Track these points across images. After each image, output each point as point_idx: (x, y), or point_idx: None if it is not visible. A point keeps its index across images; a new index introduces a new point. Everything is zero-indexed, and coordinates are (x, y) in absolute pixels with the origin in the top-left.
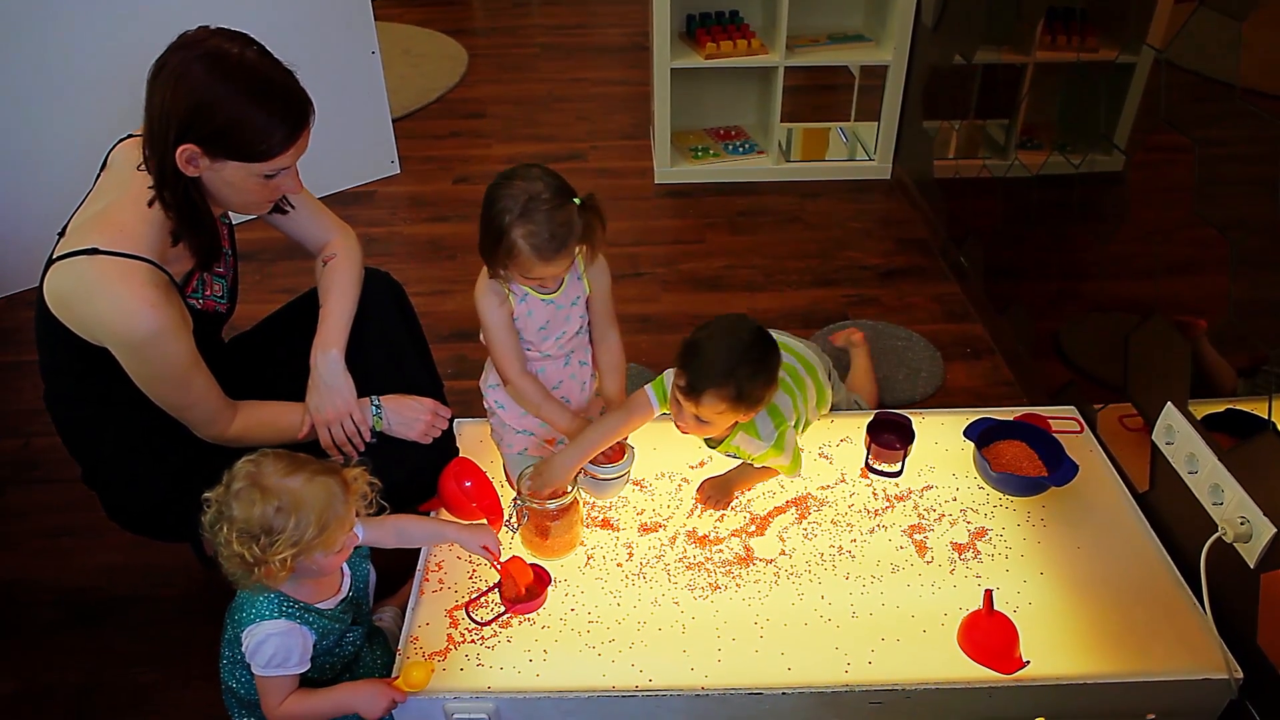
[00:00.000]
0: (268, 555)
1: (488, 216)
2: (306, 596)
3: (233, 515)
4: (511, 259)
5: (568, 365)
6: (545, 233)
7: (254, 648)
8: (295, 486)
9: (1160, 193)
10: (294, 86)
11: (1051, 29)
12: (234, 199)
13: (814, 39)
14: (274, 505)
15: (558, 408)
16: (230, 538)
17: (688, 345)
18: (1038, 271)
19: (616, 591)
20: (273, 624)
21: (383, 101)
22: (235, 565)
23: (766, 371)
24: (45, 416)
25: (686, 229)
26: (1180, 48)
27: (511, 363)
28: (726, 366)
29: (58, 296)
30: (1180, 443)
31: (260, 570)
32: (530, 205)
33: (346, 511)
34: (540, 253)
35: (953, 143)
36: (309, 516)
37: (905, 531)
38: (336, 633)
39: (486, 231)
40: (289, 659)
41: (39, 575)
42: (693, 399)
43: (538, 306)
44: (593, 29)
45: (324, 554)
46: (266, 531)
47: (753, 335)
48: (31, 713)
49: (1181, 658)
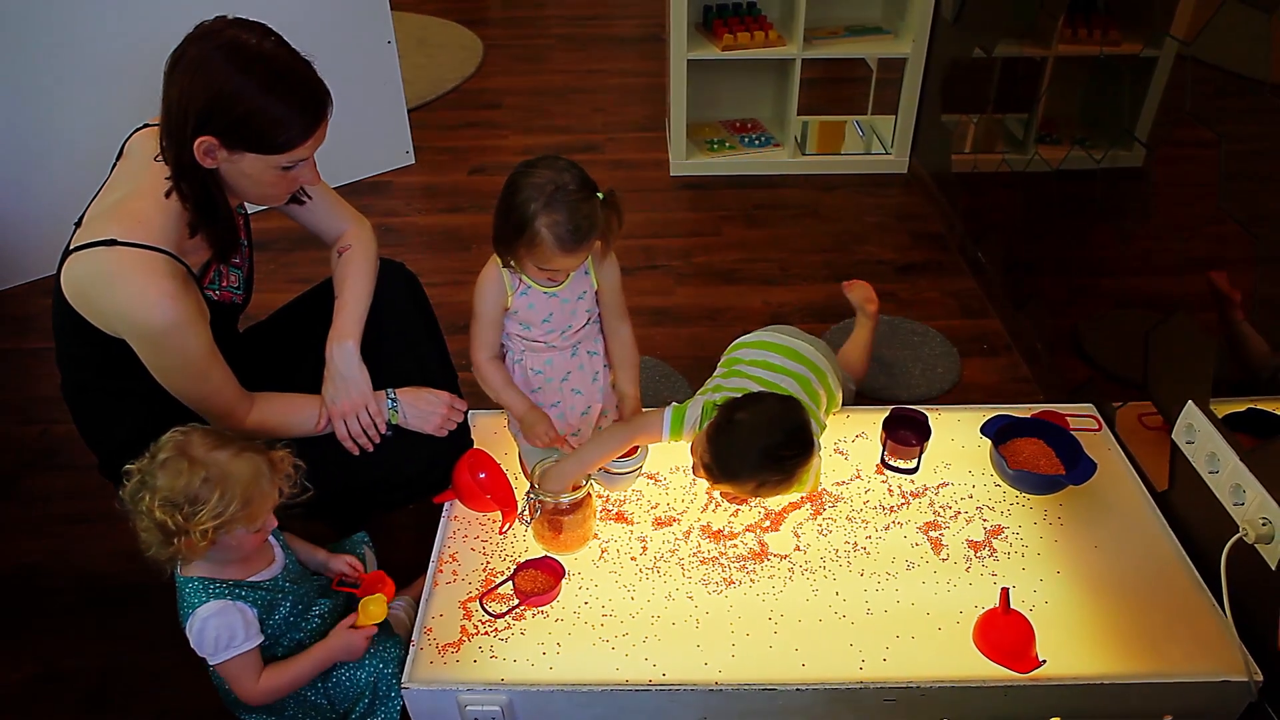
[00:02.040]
0: (190, 525)
1: (510, 204)
2: (234, 575)
3: (156, 484)
4: (531, 248)
5: (575, 355)
6: (570, 224)
7: (197, 640)
8: (223, 460)
9: (1182, 188)
10: (312, 78)
11: (1073, 22)
12: (252, 191)
13: (832, 31)
14: (200, 476)
15: (516, 395)
16: (152, 506)
17: (718, 428)
18: (1056, 267)
19: (630, 585)
20: (204, 608)
21: (398, 91)
22: (153, 535)
23: (790, 471)
24: (64, 404)
25: (702, 222)
26: (1206, 41)
27: (481, 349)
28: (749, 468)
29: (75, 287)
30: (1201, 442)
31: (180, 541)
32: (556, 195)
33: (271, 489)
34: (562, 243)
35: (970, 137)
36: (234, 490)
37: (921, 528)
38: (289, 603)
39: (507, 219)
40: (234, 637)
41: (58, 560)
42: (713, 481)
43: (539, 300)
44: (609, 20)
45: (246, 529)
46: (190, 501)
47: (786, 438)
48: (52, 695)
49: (1200, 659)
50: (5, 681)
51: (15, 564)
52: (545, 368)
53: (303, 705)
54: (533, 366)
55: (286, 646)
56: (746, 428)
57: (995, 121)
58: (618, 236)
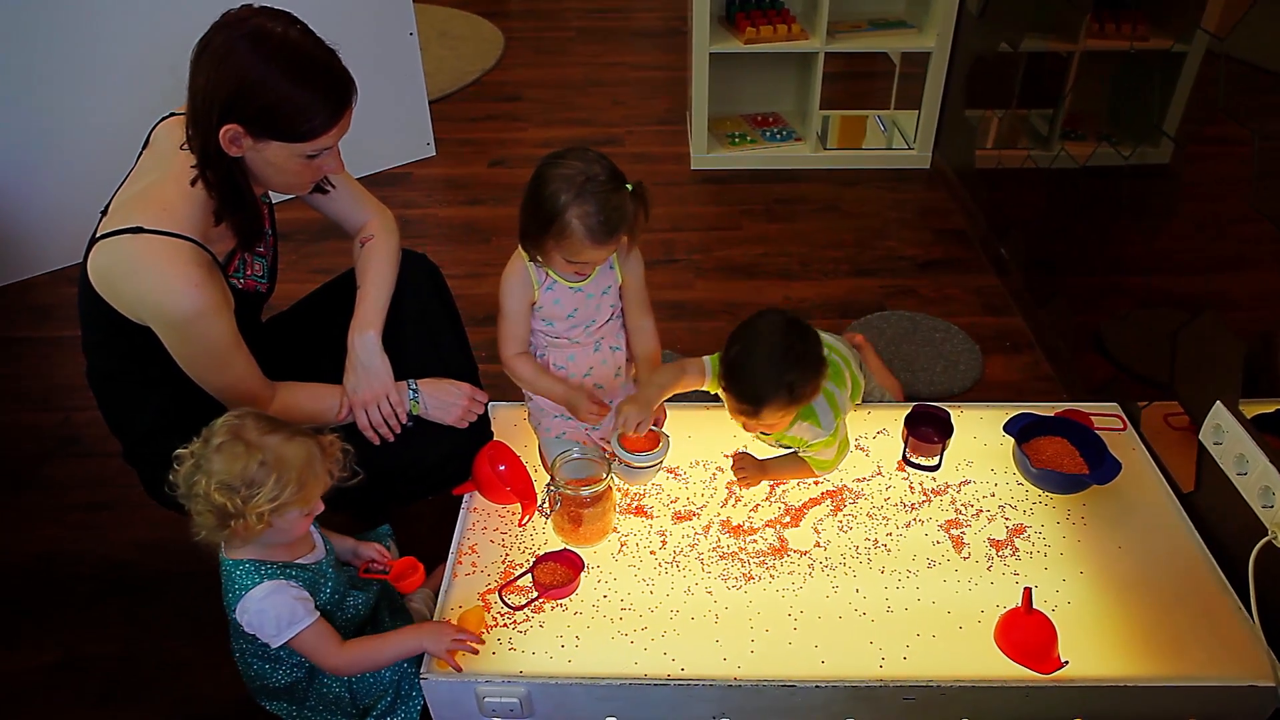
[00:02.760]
0: (247, 508)
1: (539, 196)
2: (282, 558)
3: (213, 468)
4: (561, 240)
5: (598, 351)
6: (601, 215)
7: (256, 624)
8: (276, 443)
9: (1211, 186)
10: (337, 66)
11: (1100, 16)
12: (276, 179)
13: (855, 25)
14: (257, 459)
15: (551, 381)
16: (209, 489)
17: (728, 368)
18: (1081, 265)
19: (649, 579)
20: (258, 590)
21: (419, 83)
22: (209, 519)
23: (813, 363)
24: (85, 391)
25: (722, 216)
26: (1240, 38)
27: (511, 345)
28: (773, 378)
29: (101, 274)
30: (1229, 443)
31: (237, 523)
32: (587, 186)
33: (323, 472)
34: (593, 235)
35: (994, 132)
36: (289, 474)
37: (942, 526)
38: (330, 589)
39: (536, 211)
40: (295, 613)
41: (78, 548)
42: (752, 417)
43: (565, 294)
44: (629, 13)
45: (299, 511)
46: (248, 484)
47: (786, 334)
48: (72, 682)
49: (1225, 663)
50: (27, 667)
51: (37, 551)
52: (568, 363)
53: (324, 698)
54: (555, 362)
55: None
56: (747, 350)
57: (1020, 117)
58: (643, 229)
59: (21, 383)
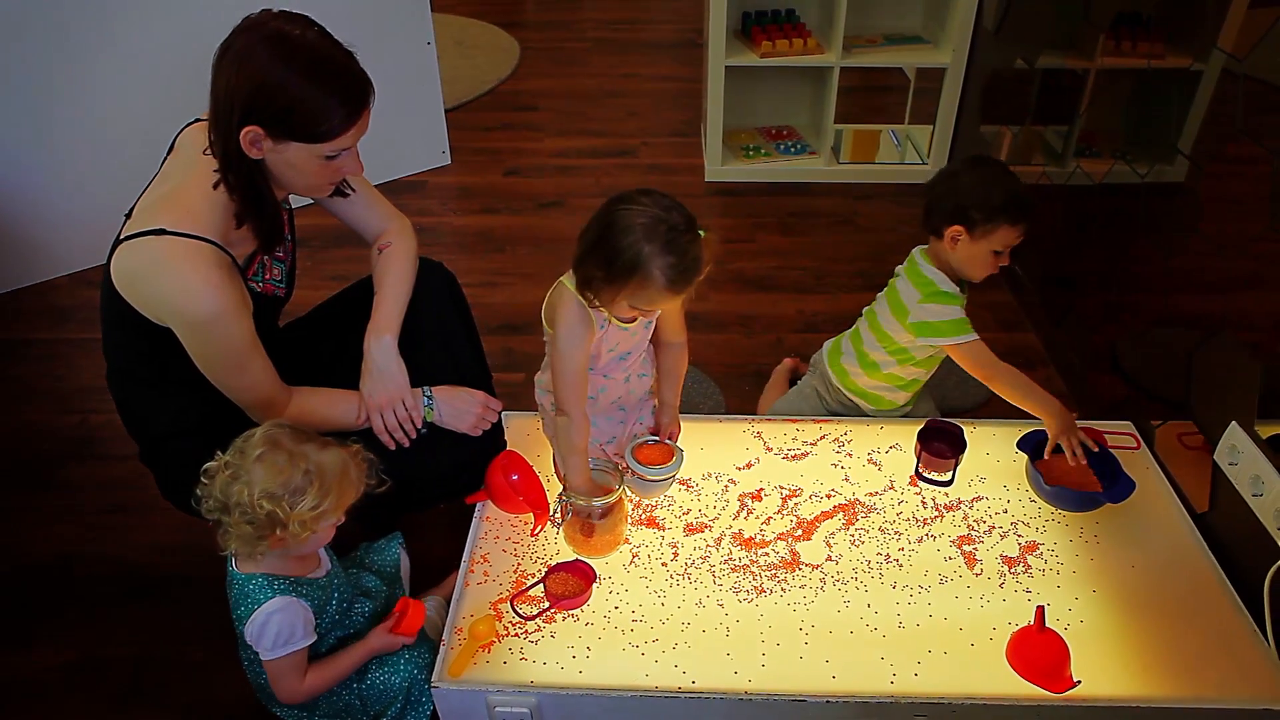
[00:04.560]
0: (290, 516)
1: (616, 244)
2: (293, 573)
3: (255, 478)
4: (639, 289)
5: (628, 382)
6: (683, 266)
7: (258, 632)
8: (313, 452)
9: (1228, 205)
10: (354, 67)
11: (1117, 34)
12: (297, 181)
13: (871, 40)
14: (301, 469)
15: (581, 463)
16: (254, 499)
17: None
18: (1096, 283)
19: (661, 591)
20: (271, 603)
21: (436, 92)
22: (247, 530)
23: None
24: (103, 394)
25: (736, 228)
26: (1260, 57)
27: (577, 400)
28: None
29: (124, 275)
30: (1245, 464)
31: (279, 532)
32: (672, 236)
33: (356, 480)
34: (674, 286)
35: (1009, 148)
36: (330, 481)
37: (954, 542)
38: (336, 601)
39: (612, 258)
40: (294, 633)
41: (94, 550)
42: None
43: (614, 334)
44: (645, 24)
45: (333, 520)
46: (292, 493)
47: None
48: (87, 684)
49: (1239, 686)
50: (44, 668)
51: (55, 552)
52: (599, 395)
53: (335, 706)
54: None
55: (330, 645)
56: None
57: (1035, 134)
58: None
59: (40, 384)
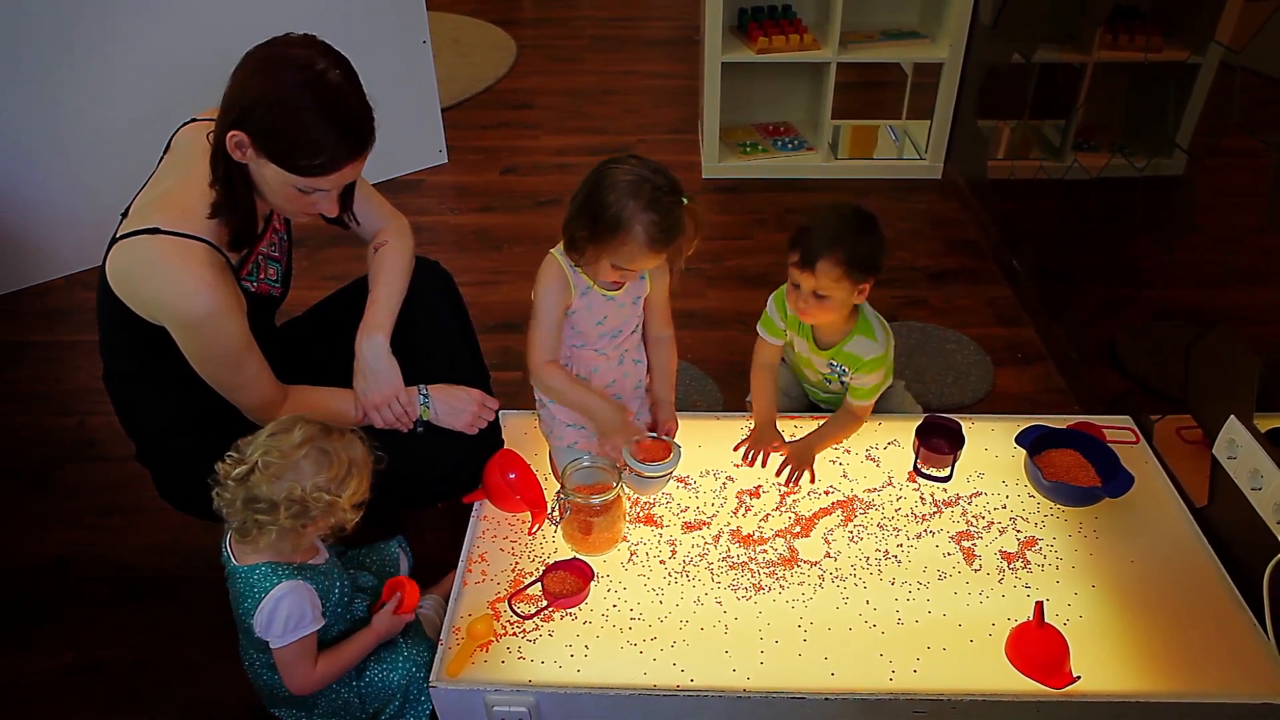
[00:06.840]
0: (343, 502)
1: (601, 200)
2: (296, 561)
3: (304, 473)
4: (620, 246)
5: (621, 364)
6: (664, 224)
7: (267, 619)
8: (344, 443)
9: (1226, 198)
10: (362, 118)
11: (1114, 28)
12: (272, 199)
13: (867, 35)
14: (345, 461)
15: (584, 391)
16: (305, 493)
17: (796, 231)
18: (1094, 277)
19: (659, 589)
20: (279, 588)
21: (432, 91)
22: (289, 522)
23: (871, 234)
24: (99, 395)
25: (734, 225)
26: (1258, 49)
27: (543, 351)
28: (833, 234)
29: (118, 274)
30: (1244, 458)
31: (322, 522)
32: (655, 195)
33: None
34: (654, 244)
35: (1006, 143)
36: (364, 469)
37: (953, 538)
38: (337, 589)
39: (596, 215)
40: (304, 617)
41: (92, 551)
42: (809, 271)
43: (598, 302)
44: (642, 22)
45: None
46: (339, 484)
47: (854, 209)
48: (85, 685)
49: (1239, 680)
50: (41, 670)
51: (52, 554)
52: (592, 375)
53: (333, 702)
54: (578, 373)
55: (334, 636)
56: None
57: (1032, 128)
58: (692, 245)
59: (37, 386)
